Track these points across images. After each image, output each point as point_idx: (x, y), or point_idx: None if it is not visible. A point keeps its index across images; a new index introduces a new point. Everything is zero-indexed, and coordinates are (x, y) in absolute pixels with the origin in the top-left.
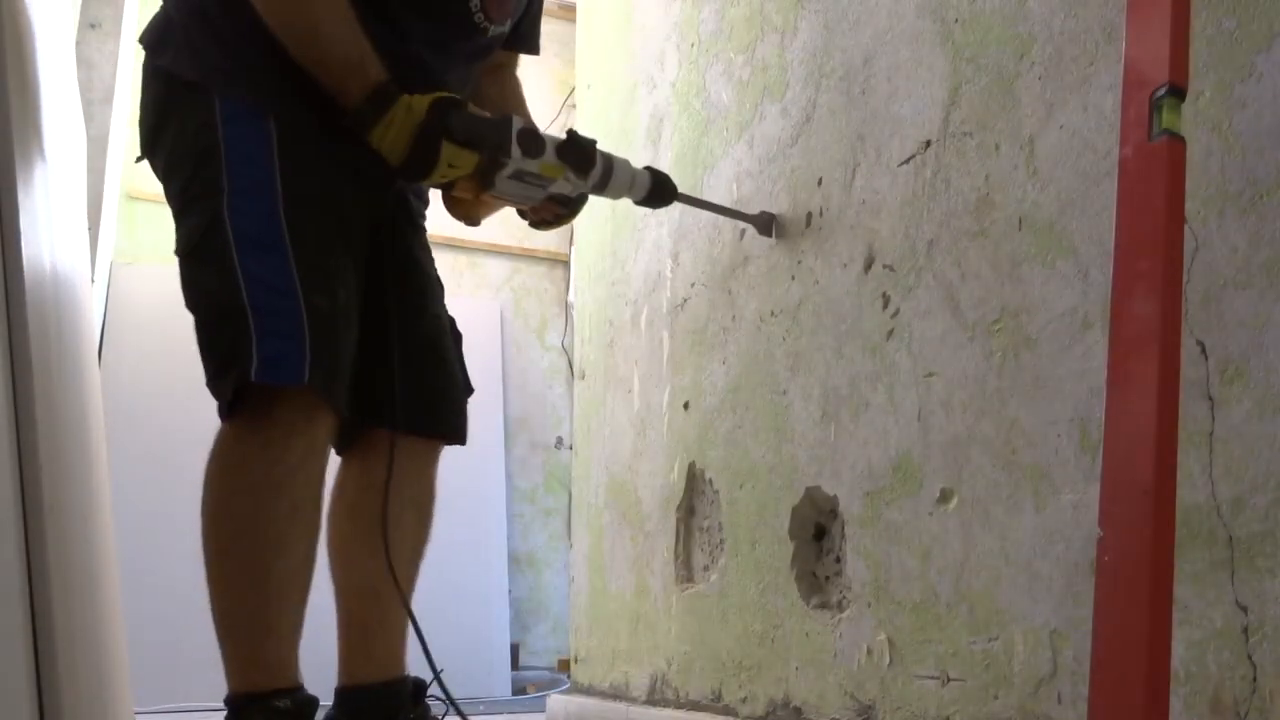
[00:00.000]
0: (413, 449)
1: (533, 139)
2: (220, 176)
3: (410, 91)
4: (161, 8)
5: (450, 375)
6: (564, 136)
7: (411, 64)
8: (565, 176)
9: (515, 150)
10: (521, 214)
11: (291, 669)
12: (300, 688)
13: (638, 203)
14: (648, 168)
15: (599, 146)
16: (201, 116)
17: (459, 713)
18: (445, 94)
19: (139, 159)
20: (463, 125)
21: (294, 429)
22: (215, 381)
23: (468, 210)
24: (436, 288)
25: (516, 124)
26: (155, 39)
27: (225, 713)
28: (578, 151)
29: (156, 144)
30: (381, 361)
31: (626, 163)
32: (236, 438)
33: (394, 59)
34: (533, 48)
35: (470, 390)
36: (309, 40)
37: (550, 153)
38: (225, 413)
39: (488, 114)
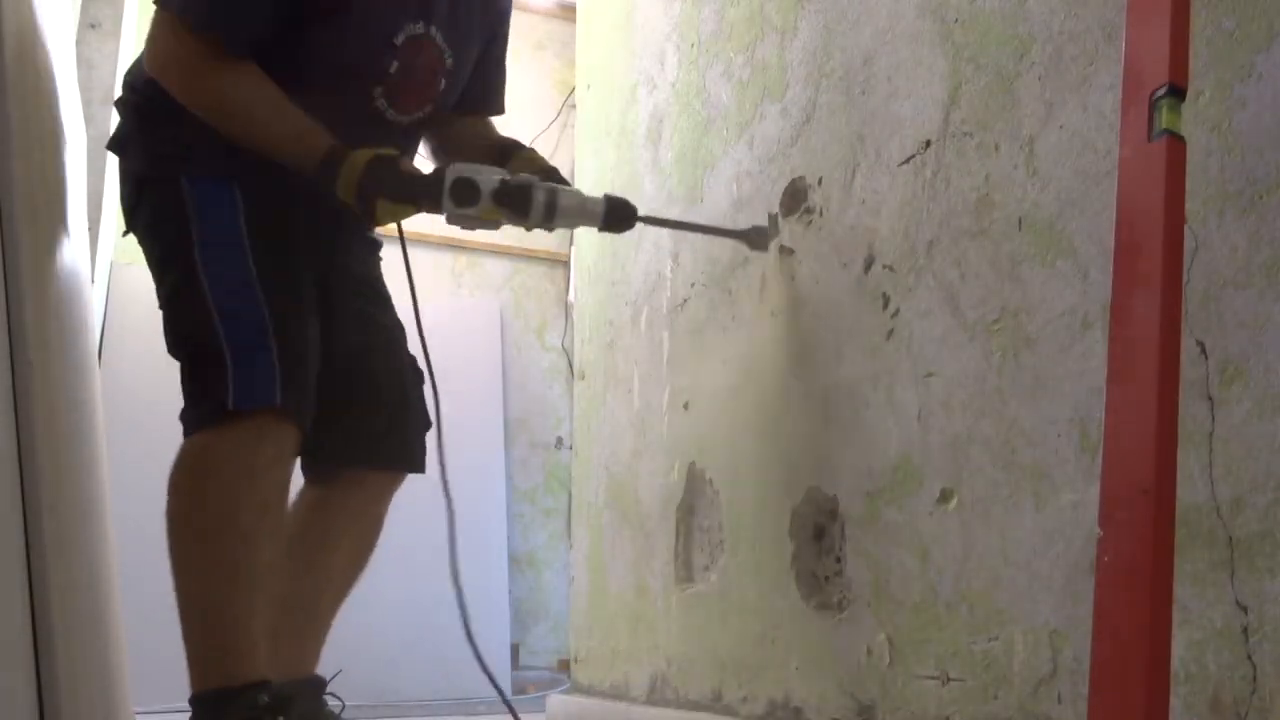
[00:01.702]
0: (368, 480)
1: (466, 189)
2: (191, 233)
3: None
4: (117, 103)
5: (410, 412)
6: (499, 181)
7: (344, 137)
8: (506, 218)
9: (448, 203)
10: None
11: (262, 665)
12: (271, 682)
13: (600, 229)
14: (606, 195)
15: (541, 182)
16: (171, 191)
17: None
18: (380, 152)
19: (125, 234)
20: (394, 183)
21: (264, 435)
22: (191, 410)
23: (383, 225)
24: (398, 331)
25: (450, 177)
26: (117, 144)
27: (190, 712)
28: (514, 196)
29: (135, 219)
30: (354, 403)
31: (577, 192)
32: (206, 444)
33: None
34: (491, 109)
35: (429, 424)
36: (253, 133)
37: (487, 199)
38: (190, 431)
39: (419, 172)
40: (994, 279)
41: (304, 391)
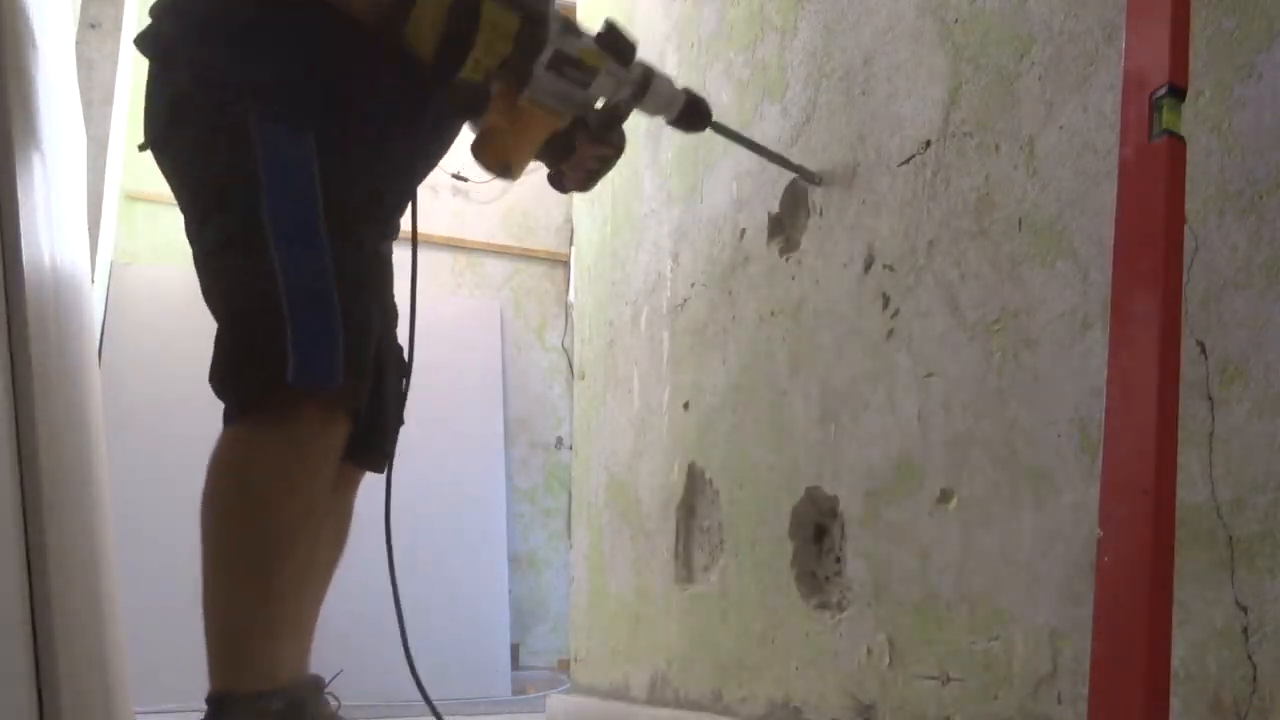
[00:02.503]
0: (345, 476)
1: (570, 26)
2: (258, 175)
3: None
4: (162, 15)
5: (391, 406)
6: (607, 25)
7: None
8: (607, 69)
9: (554, 25)
10: (557, 182)
11: (283, 671)
12: (287, 688)
13: (670, 123)
14: (686, 89)
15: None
16: (231, 116)
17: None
18: None
19: (142, 147)
20: (491, 9)
21: (315, 431)
22: (233, 379)
23: (504, 149)
24: (394, 316)
25: (554, 7)
26: (162, 50)
27: (207, 711)
28: (618, 38)
29: (169, 139)
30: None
31: (667, 77)
32: (254, 434)
33: None
34: None
35: (402, 421)
36: None
37: (589, 39)
38: (239, 411)
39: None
40: (994, 279)
41: (365, 371)
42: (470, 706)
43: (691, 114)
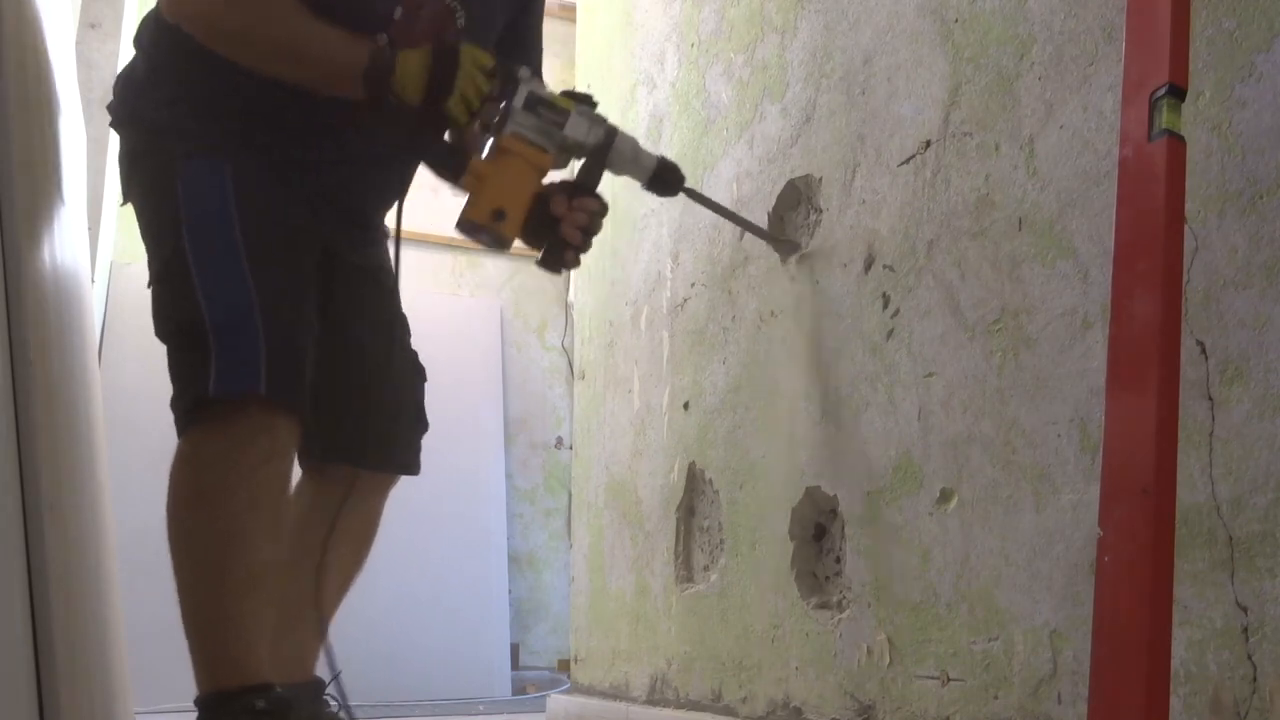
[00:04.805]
0: (365, 481)
1: (538, 91)
2: (178, 209)
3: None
4: (118, 77)
5: (412, 412)
6: (571, 97)
7: None
8: (578, 110)
9: (524, 71)
10: (551, 261)
11: (263, 667)
12: (273, 686)
13: (645, 186)
14: (660, 156)
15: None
16: (164, 167)
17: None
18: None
19: (123, 204)
20: (469, 69)
21: (254, 434)
22: (176, 398)
23: (496, 194)
24: (403, 323)
25: (524, 76)
26: (114, 116)
27: (196, 714)
28: (579, 93)
29: (130, 190)
30: (344, 399)
31: (634, 140)
32: (194, 445)
33: None
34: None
35: (426, 426)
36: (285, 46)
37: (558, 93)
38: (182, 427)
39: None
40: (994, 279)
41: (293, 379)
42: (470, 706)
43: (663, 177)
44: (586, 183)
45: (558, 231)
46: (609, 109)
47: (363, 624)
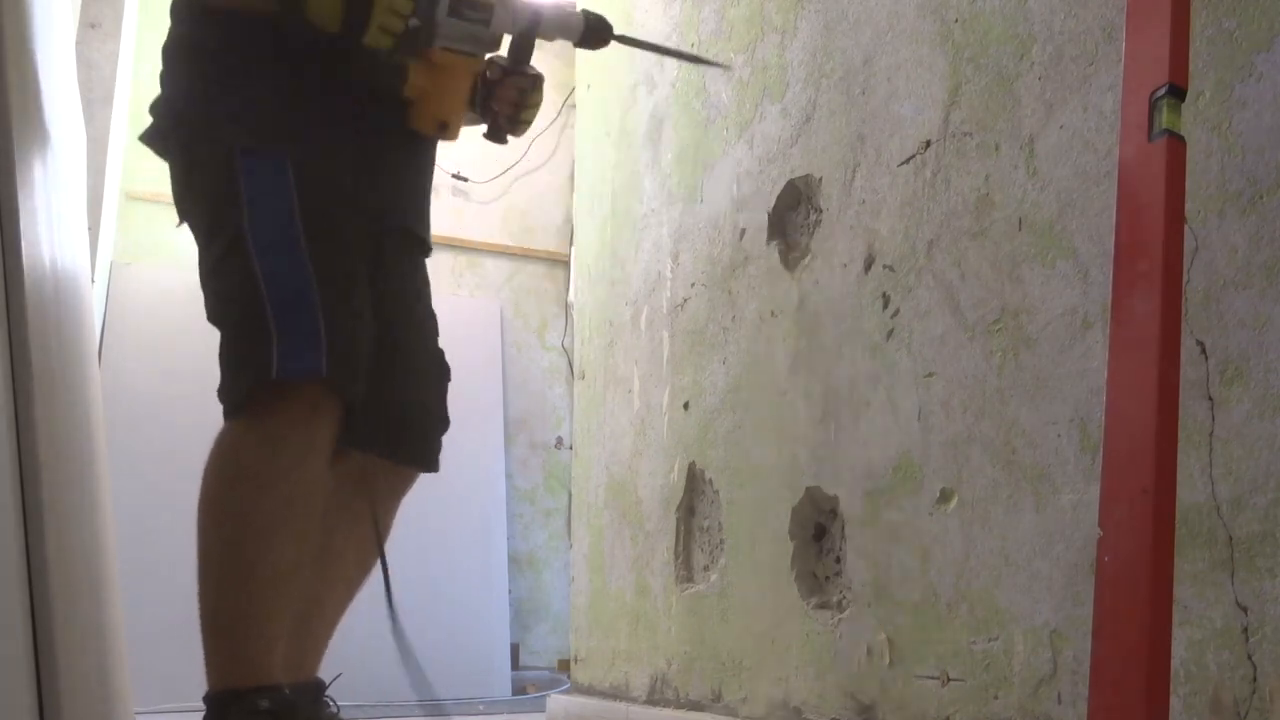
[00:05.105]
0: (392, 475)
1: None
2: (240, 196)
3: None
4: (159, 102)
5: (437, 410)
6: None
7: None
8: (501, 2)
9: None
10: (494, 133)
11: (275, 669)
12: (282, 688)
13: (576, 44)
14: (584, 10)
15: None
16: (224, 163)
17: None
18: None
19: (179, 224)
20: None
21: (294, 426)
22: (229, 385)
23: (436, 107)
24: (433, 322)
25: None
26: (160, 137)
27: (205, 711)
28: None
29: (187, 197)
30: (376, 391)
31: (559, 5)
32: (235, 434)
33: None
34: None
35: (448, 424)
36: None
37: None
38: (232, 412)
39: None
40: (994, 279)
41: (352, 365)
42: (470, 706)
43: (594, 29)
44: (515, 61)
45: (493, 109)
46: (609, 109)
47: (363, 624)
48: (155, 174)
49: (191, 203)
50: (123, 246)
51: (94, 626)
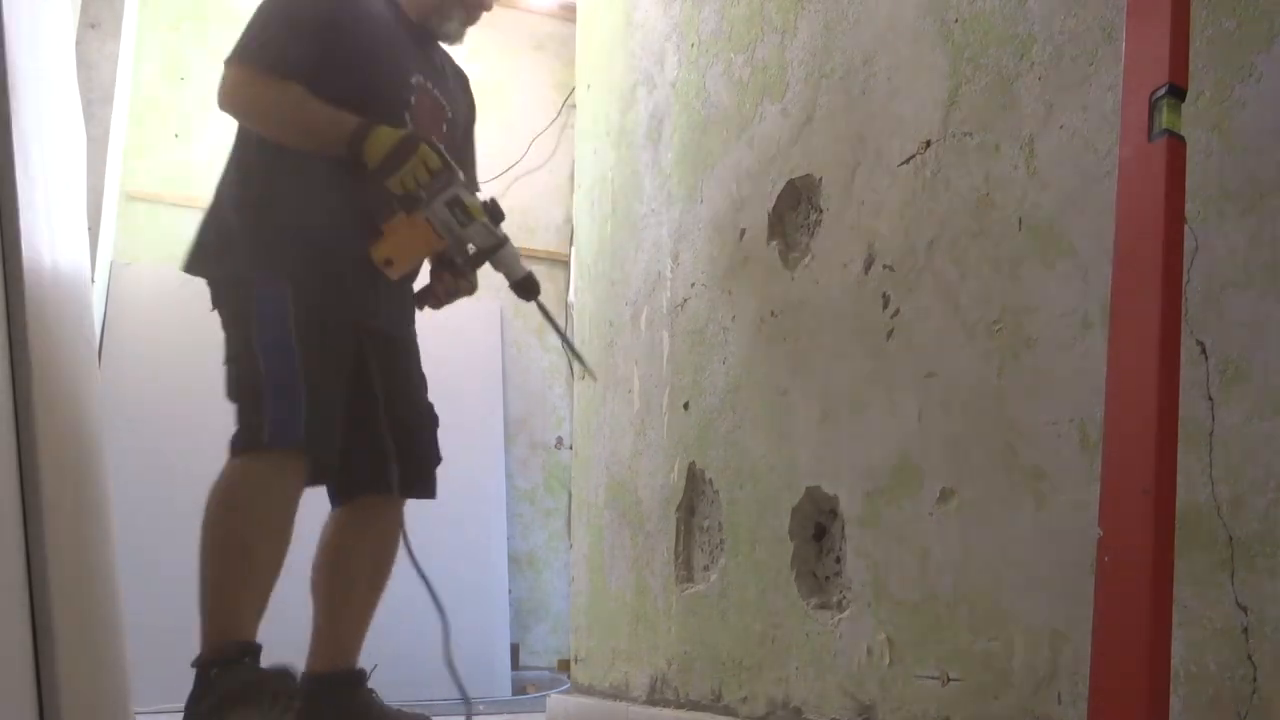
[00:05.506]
0: (381, 504)
1: (459, 202)
2: (253, 316)
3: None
4: (202, 230)
5: (423, 449)
6: (484, 202)
7: None
8: (483, 222)
9: (459, 178)
10: (420, 296)
11: (248, 630)
12: (253, 643)
13: (510, 286)
14: (530, 271)
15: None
16: (245, 291)
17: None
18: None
19: (212, 309)
20: (431, 144)
21: (281, 474)
22: (237, 438)
23: (394, 247)
24: (421, 381)
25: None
26: (202, 264)
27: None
28: (496, 208)
29: (217, 304)
30: (375, 443)
31: (516, 252)
32: (233, 473)
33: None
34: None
35: (440, 459)
36: (290, 121)
37: (478, 200)
38: (238, 450)
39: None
40: (994, 279)
41: (326, 437)
42: (470, 707)
43: (526, 285)
44: (468, 266)
45: (432, 284)
46: (609, 110)
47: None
48: (155, 174)
49: (220, 304)
50: (123, 246)
51: (94, 626)
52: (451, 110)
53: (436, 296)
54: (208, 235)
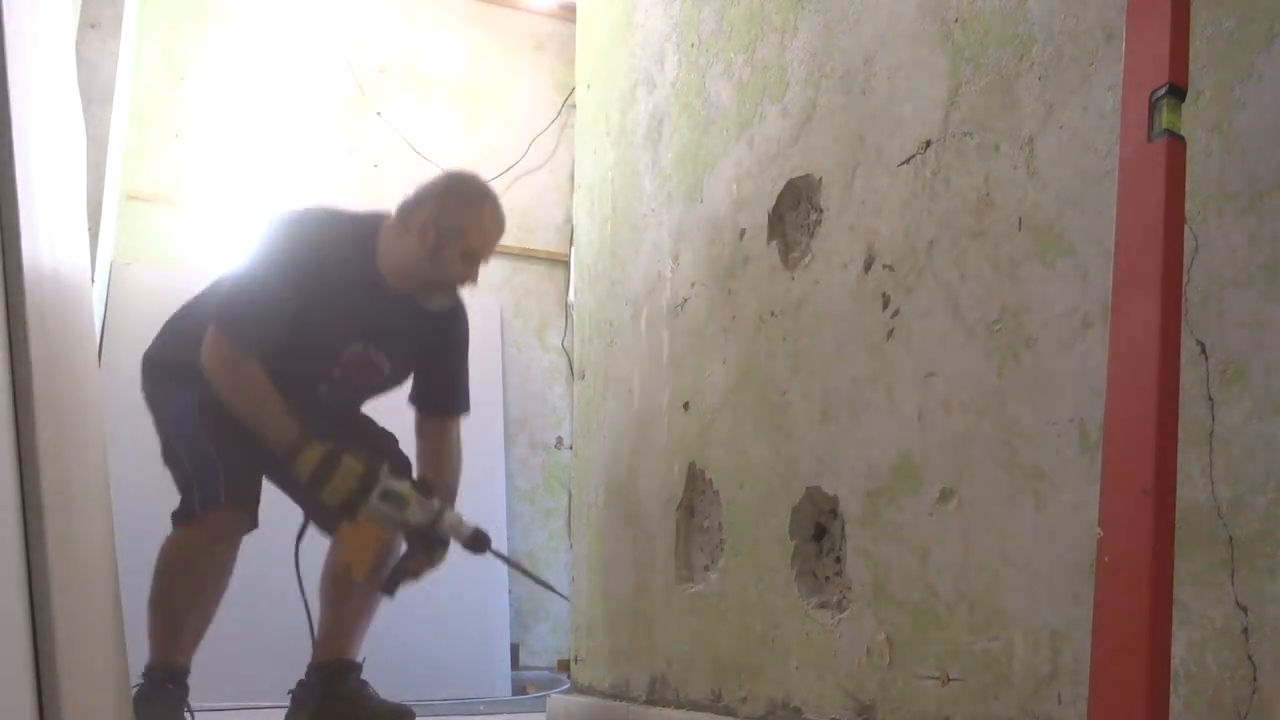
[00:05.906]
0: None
1: (401, 470)
2: (169, 416)
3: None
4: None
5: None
6: (408, 490)
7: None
8: (416, 500)
9: (384, 469)
10: (386, 580)
11: (180, 657)
12: (178, 668)
13: (463, 546)
14: (476, 526)
15: (431, 500)
16: (164, 394)
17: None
18: (331, 450)
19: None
20: (354, 452)
21: (214, 536)
22: (176, 512)
23: (346, 552)
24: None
25: (386, 465)
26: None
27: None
28: (426, 482)
29: (152, 403)
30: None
31: (458, 515)
32: (175, 539)
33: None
34: (450, 411)
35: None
36: (247, 409)
37: (407, 484)
38: (178, 523)
39: (354, 475)
40: (994, 279)
41: (246, 496)
42: (470, 706)
43: (475, 540)
44: (419, 545)
45: (404, 561)
46: (609, 110)
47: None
48: (155, 174)
49: (151, 407)
50: (123, 246)
51: (94, 626)
52: (393, 362)
53: (410, 571)
54: (154, 360)
